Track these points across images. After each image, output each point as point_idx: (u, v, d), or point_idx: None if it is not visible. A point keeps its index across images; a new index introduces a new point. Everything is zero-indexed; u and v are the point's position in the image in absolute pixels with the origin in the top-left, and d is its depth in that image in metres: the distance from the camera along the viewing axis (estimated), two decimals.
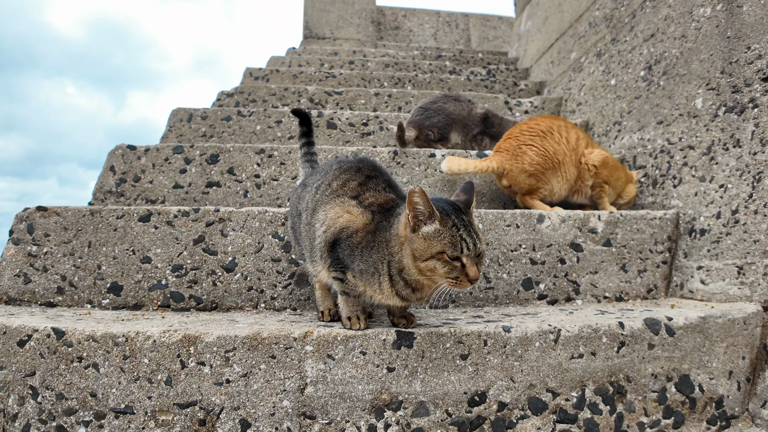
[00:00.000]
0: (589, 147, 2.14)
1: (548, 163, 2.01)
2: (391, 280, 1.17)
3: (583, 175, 2.09)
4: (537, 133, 2.05)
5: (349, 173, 1.30)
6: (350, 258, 1.20)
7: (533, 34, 4.55)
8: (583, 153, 2.10)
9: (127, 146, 2.20)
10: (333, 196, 1.27)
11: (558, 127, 2.08)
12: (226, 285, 1.63)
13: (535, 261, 1.73)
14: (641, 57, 2.48)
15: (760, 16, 1.76)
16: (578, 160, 2.08)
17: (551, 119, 2.12)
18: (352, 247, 1.19)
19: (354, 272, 1.21)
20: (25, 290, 1.63)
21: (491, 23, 7.25)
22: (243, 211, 1.67)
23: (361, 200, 1.23)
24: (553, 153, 2.01)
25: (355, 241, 1.19)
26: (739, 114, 1.78)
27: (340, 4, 5.97)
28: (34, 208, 1.70)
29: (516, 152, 2.02)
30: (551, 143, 2.03)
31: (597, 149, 2.15)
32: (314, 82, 3.72)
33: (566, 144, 2.05)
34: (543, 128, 2.06)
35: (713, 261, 1.73)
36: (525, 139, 2.04)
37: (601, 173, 2.08)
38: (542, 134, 2.04)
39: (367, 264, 1.18)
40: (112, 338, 1.20)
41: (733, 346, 1.44)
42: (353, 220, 1.20)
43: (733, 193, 1.73)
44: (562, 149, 2.03)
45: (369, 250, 1.18)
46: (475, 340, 1.21)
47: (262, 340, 1.17)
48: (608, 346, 1.30)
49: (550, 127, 2.06)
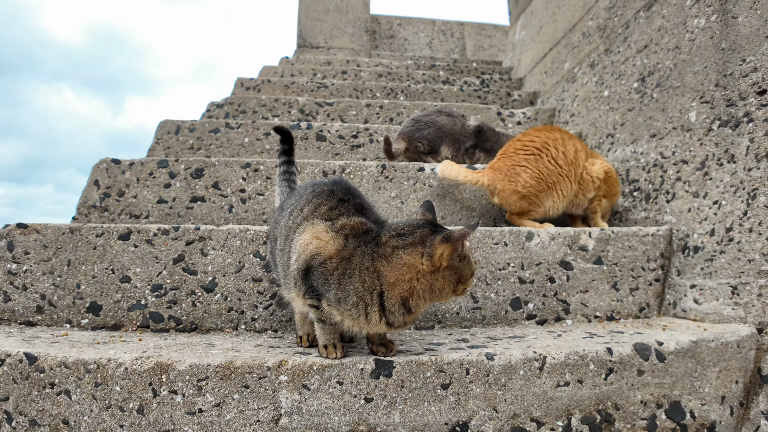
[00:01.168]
0: (590, 158, 2.09)
1: (542, 185, 1.96)
2: (382, 310, 1.12)
3: (586, 187, 2.05)
4: (532, 151, 1.99)
5: (321, 197, 1.25)
6: (325, 286, 1.15)
7: (527, 44, 4.53)
8: (584, 166, 2.05)
9: (111, 160, 2.16)
10: (304, 221, 1.22)
11: (554, 141, 2.02)
12: (205, 306, 1.59)
13: (524, 280, 1.69)
14: (634, 68, 2.45)
15: (756, 27, 1.72)
16: (578, 173, 2.03)
17: (547, 132, 2.07)
18: (326, 275, 1.14)
19: (330, 301, 1.15)
20: (5, 309, 1.60)
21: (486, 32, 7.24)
22: (224, 229, 1.64)
23: (333, 224, 1.18)
24: (547, 174, 1.96)
25: (329, 268, 1.14)
26: (734, 128, 1.75)
27: (334, 13, 5.96)
28: (14, 225, 1.66)
29: (509, 173, 1.97)
30: (546, 163, 1.98)
31: (598, 160, 2.10)
32: (306, 92, 3.69)
33: (564, 159, 2.00)
34: (538, 145, 2.01)
35: (707, 280, 1.69)
36: (519, 159, 1.99)
37: (603, 187, 2.05)
38: (537, 153, 1.99)
39: (346, 293, 1.13)
40: (84, 365, 1.17)
41: (726, 370, 1.40)
42: (324, 247, 1.15)
43: (728, 210, 1.69)
44: (557, 168, 1.99)
45: (348, 278, 1.12)
46: (456, 368, 1.17)
47: (235, 369, 1.12)
48: (596, 374, 1.26)
49: (546, 143, 2.01)
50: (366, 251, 1.13)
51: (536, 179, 1.95)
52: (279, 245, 1.30)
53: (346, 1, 6.00)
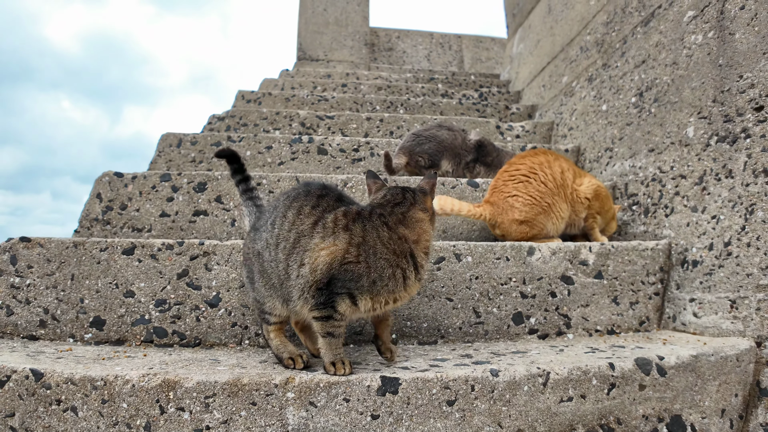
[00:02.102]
0: (578, 178, 2.10)
1: (537, 208, 1.96)
2: (416, 268, 1.24)
3: (577, 208, 2.06)
4: (519, 179, 2.00)
5: (299, 199, 1.30)
6: (355, 280, 1.18)
7: (525, 57, 4.57)
8: (573, 187, 2.06)
9: (114, 173, 2.18)
10: (292, 226, 1.26)
11: (540, 165, 2.03)
12: (209, 321, 1.59)
13: (526, 295, 1.71)
14: (632, 83, 2.48)
15: (753, 44, 1.75)
16: (568, 194, 2.05)
17: (532, 157, 2.07)
18: (351, 269, 1.18)
19: (361, 292, 1.19)
20: (8, 323, 1.60)
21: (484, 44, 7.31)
22: (228, 244, 1.65)
23: (325, 225, 1.22)
24: (540, 197, 1.97)
25: (350, 260, 1.18)
26: (731, 144, 1.77)
27: (333, 26, 6.01)
28: (17, 239, 1.67)
29: (504, 206, 1.98)
30: (537, 186, 1.98)
31: (586, 179, 2.11)
32: (306, 105, 3.72)
33: (553, 181, 2.01)
34: (525, 171, 2.01)
35: (706, 294, 1.71)
36: (509, 189, 1.99)
37: (594, 205, 2.06)
38: (525, 179, 1.99)
39: (380, 269, 1.18)
40: (91, 381, 1.17)
41: (725, 383, 1.41)
42: (333, 250, 1.19)
43: (726, 224, 1.71)
44: (549, 190, 1.99)
45: (376, 256, 1.19)
46: (462, 385, 1.18)
47: (243, 387, 1.13)
48: (598, 388, 1.27)
49: (532, 168, 2.01)
50: (377, 226, 1.22)
51: (530, 204, 1.96)
52: (268, 257, 1.30)
53: (345, 15, 6.05)
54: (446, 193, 2.20)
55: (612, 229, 2.16)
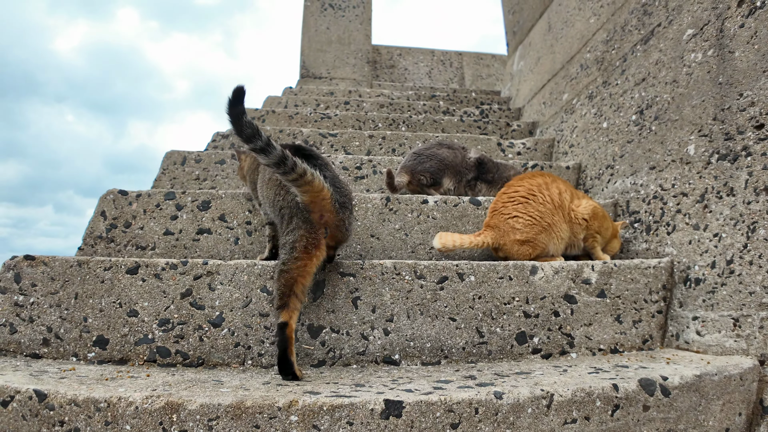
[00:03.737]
0: (575, 199, 2.10)
1: (538, 227, 1.96)
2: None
3: (575, 230, 2.06)
4: (518, 200, 2.01)
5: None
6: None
7: (525, 74, 4.61)
8: (570, 207, 2.07)
9: (118, 191, 2.19)
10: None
11: (539, 187, 2.04)
12: (213, 340, 1.59)
13: (529, 314, 1.70)
14: (633, 101, 2.50)
15: (753, 62, 1.76)
16: (567, 214, 2.05)
17: (530, 179, 2.08)
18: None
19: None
20: (11, 340, 1.60)
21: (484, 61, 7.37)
22: (231, 264, 1.65)
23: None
24: (540, 217, 1.97)
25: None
26: (732, 162, 1.78)
27: (336, 44, 6.07)
28: (21, 257, 1.68)
29: (504, 227, 1.98)
30: (537, 206, 1.99)
31: (584, 200, 2.11)
32: (309, 123, 3.74)
33: (551, 203, 2.01)
34: (524, 193, 2.02)
35: (709, 312, 1.71)
36: (509, 210, 2.00)
37: (592, 225, 2.06)
38: (524, 200, 2.00)
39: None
40: (94, 403, 1.17)
41: (729, 402, 1.41)
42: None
43: (728, 242, 1.71)
44: (548, 210, 2.00)
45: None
46: (466, 408, 1.18)
47: (246, 409, 1.13)
48: (602, 410, 1.26)
49: (531, 190, 2.02)
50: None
51: (530, 225, 1.96)
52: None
53: (348, 33, 6.12)
54: (448, 211, 2.21)
55: (615, 247, 2.16)
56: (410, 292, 1.67)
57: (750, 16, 1.82)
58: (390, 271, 1.68)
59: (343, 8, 6.25)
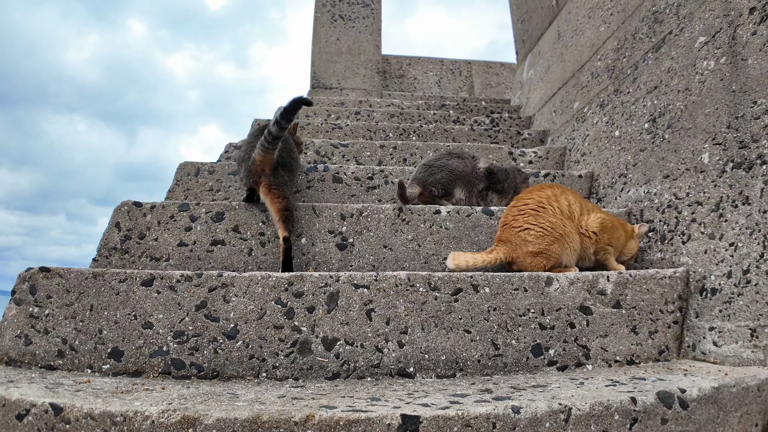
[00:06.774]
0: (584, 214, 2.08)
1: (550, 237, 1.95)
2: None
3: (585, 243, 2.04)
4: (528, 213, 2.00)
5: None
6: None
7: (535, 83, 4.61)
8: (579, 219, 2.05)
9: (133, 203, 2.21)
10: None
11: (548, 199, 2.03)
12: (227, 353, 1.60)
13: (545, 326, 1.69)
14: (645, 109, 2.48)
15: (766, 69, 1.75)
16: (576, 226, 2.04)
17: (539, 191, 2.07)
18: None
19: None
20: (26, 352, 1.61)
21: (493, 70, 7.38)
22: (246, 276, 1.66)
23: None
24: (551, 227, 1.96)
25: None
26: (747, 170, 1.76)
27: (347, 55, 6.11)
28: (37, 269, 1.69)
29: (516, 240, 1.97)
30: (548, 217, 1.98)
31: (593, 214, 2.09)
32: (321, 133, 3.76)
33: (561, 214, 2.00)
34: (534, 205, 2.01)
35: (725, 322, 1.69)
36: (520, 223, 1.99)
37: (602, 238, 2.04)
38: (534, 212, 1.99)
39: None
40: (110, 417, 1.17)
41: (747, 414, 1.39)
42: None
43: (744, 252, 1.69)
44: (560, 222, 1.99)
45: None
46: (483, 422, 1.17)
47: (263, 424, 1.13)
48: (620, 424, 1.25)
49: (540, 202, 2.02)
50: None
51: (542, 235, 1.95)
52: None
53: (358, 44, 6.16)
54: (461, 222, 2.21)
55: (632, 249, 2.12)
56: (424, 304, 1.67)
57: (762, 23, 1.81)
58: (404, 282, 1.68)
59: (353, 19, 6.30)
